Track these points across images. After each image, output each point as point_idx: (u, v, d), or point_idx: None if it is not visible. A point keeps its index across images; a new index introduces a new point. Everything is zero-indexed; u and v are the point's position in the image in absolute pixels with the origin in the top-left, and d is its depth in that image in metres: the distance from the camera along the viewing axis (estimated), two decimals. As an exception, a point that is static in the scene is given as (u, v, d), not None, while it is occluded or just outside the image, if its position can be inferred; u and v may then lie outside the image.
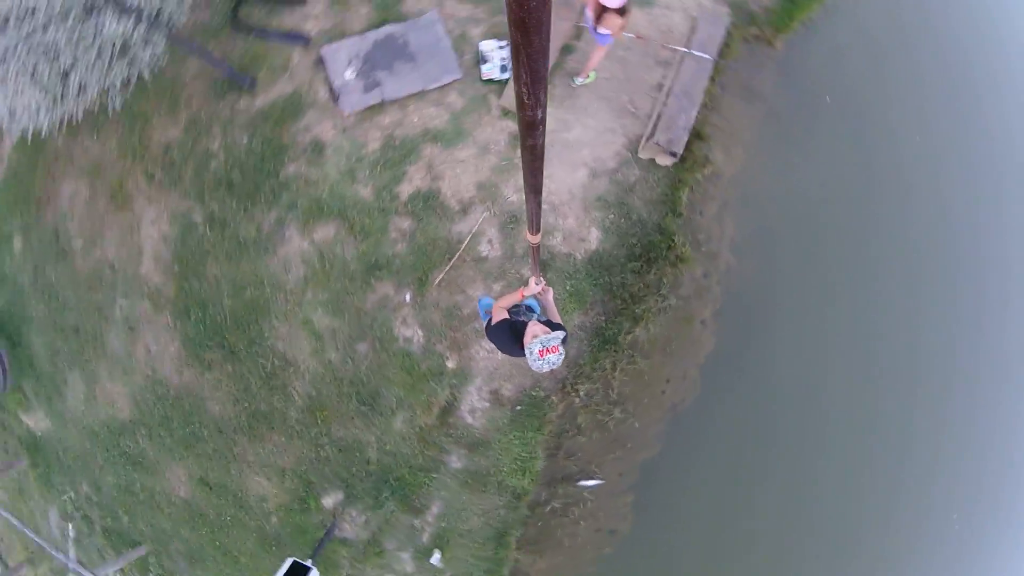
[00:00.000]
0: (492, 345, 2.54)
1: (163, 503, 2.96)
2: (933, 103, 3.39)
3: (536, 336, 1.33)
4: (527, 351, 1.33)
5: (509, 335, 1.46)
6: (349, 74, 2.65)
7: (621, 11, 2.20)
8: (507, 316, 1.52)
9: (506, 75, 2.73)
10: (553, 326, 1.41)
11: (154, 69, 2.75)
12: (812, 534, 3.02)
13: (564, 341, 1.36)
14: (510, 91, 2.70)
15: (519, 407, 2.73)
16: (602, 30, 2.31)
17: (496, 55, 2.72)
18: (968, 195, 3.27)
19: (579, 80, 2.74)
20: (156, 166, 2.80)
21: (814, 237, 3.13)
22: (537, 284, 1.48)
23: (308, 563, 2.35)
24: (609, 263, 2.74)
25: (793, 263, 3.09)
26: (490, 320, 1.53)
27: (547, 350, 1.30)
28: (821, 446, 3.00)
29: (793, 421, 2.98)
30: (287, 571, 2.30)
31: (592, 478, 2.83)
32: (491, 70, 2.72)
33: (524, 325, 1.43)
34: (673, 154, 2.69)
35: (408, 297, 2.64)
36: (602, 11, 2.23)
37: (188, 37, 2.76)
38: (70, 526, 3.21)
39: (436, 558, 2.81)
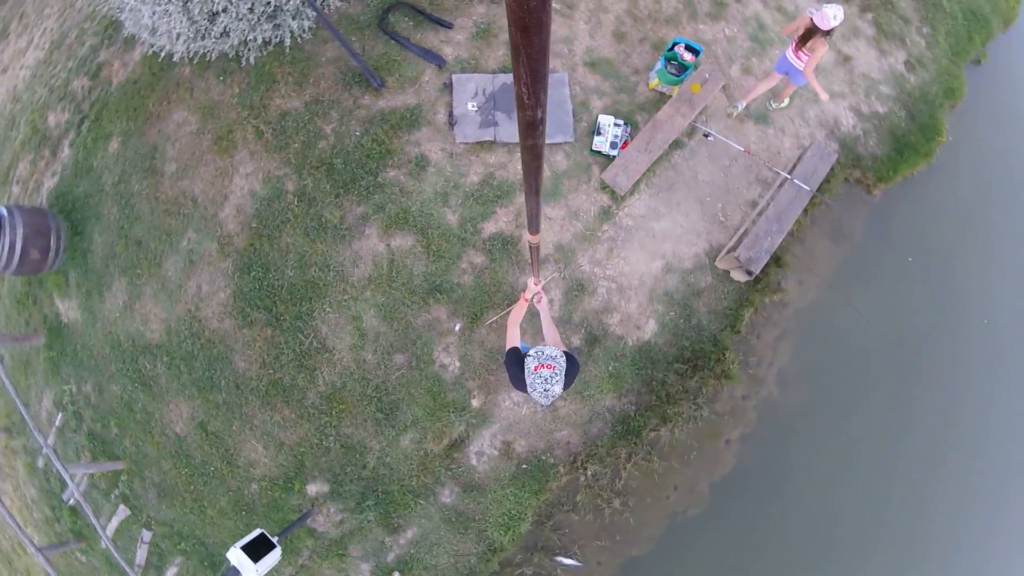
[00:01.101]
0: (519, 397, 2.65)
1: (156, 430, 3.13)
2: (1014, 292, 3.45)
3: (541, 350, 1.31)
4: (525, 367, 1.32)
5: (517, 366, 1.47)
6: (471, 106, 2.89)
7: (827, 34, 2.40)
8: (518, 346, 1.55)
9: (614, 152, 2.92)
10: (564, 354, 1.38)
11: (296, 40, 3.06)
12: None
13: (569, 372, 1.30)
14: (613, 168, 2.88)
15: (525, 466, 2.83)
16: (799, 59, 2.52)
17: (610, 131, 2.92)
18: (1013, 383, 3.28)
19: (740, 105, 2.96)
20: (268, 127, 3.06)
21: (859, 388, 3.19)
22: (536, 285, 1.50)
23: (275, 540, 2.47)
24: (656, 357, 2.86)
25: (831, 408, 3.14)
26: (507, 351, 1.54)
27: (542, 365, 1.26)
28: None
29: (786, 563, 2.99)
30: (253, 540, 2.41)
31: (571, 557, 2.88)
32: (602, 143, 2.91)
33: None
34: (750, 273, 2.82)
35: (458, 327, 2.80)
36: (811, 35, 2.42)
37: (335, 23, 3.06)
38: (59, 414, 3.40)
39: (394, 580, 2.88)
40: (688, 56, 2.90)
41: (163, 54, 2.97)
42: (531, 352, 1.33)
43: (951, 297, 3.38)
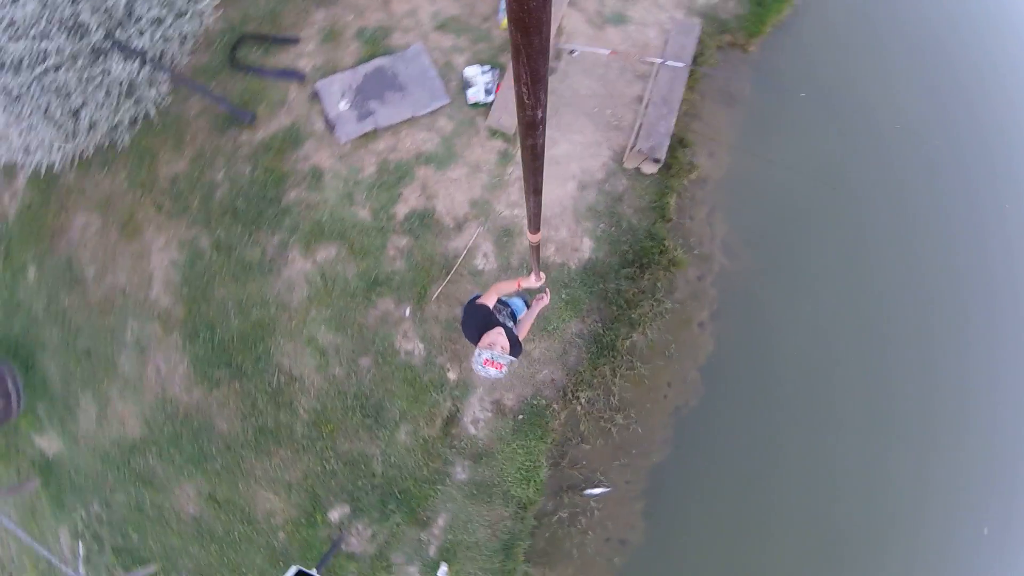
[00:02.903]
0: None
1: (172, 520, 3.20)
2: (906, 86, 3.56)
3: (492, 346, 1.42)
4: (476, 352, 1.41)
5: (479, 321, 1.52)
6: (343, 105, 2.98)
7: None
8: (489, 306, 1.58)
9: (490, 98, 3.03)
10: (512, 341, 1.50)
11: (160, 107, 3.12)
12: (834, 534, 3.06)
13: (513, 359, 1.45)
14: (496, 112, 3.00)
15: (521, 416, 2.94)
16: None
17: (480, 80, 3.03)
18: (958, 173, 3.40)
19: None
20: (164, 197, 3.14)
21: (804, 230, 3.31)
22: (538, 281, 1.55)
23: (313, 572, 2.55)
24: (603, 270, 2.98)
25: (785, 258, 3.27)
26: (478, 297, 1.60)
27: (492, 363, 1.39)
28: (834, 438, 3.06)
29: (802, 414, 3.08)
30: None
31: (599, 486, 2.99)
32: (476, 94, 3.03)
33: (495, 324, 1.51)
34: (656, 160, 2.95)
35: (408, 312, 2.90)
36: None
37: (190, 77, 3.13)
38: (80, 544, 3.44)
39: (443, 571, 2.98)
40: (528, -15, 3.01)
41: (43, 170, 3.02)
42: (487, 352, 1.42)
43: (861, 119, 3.52)
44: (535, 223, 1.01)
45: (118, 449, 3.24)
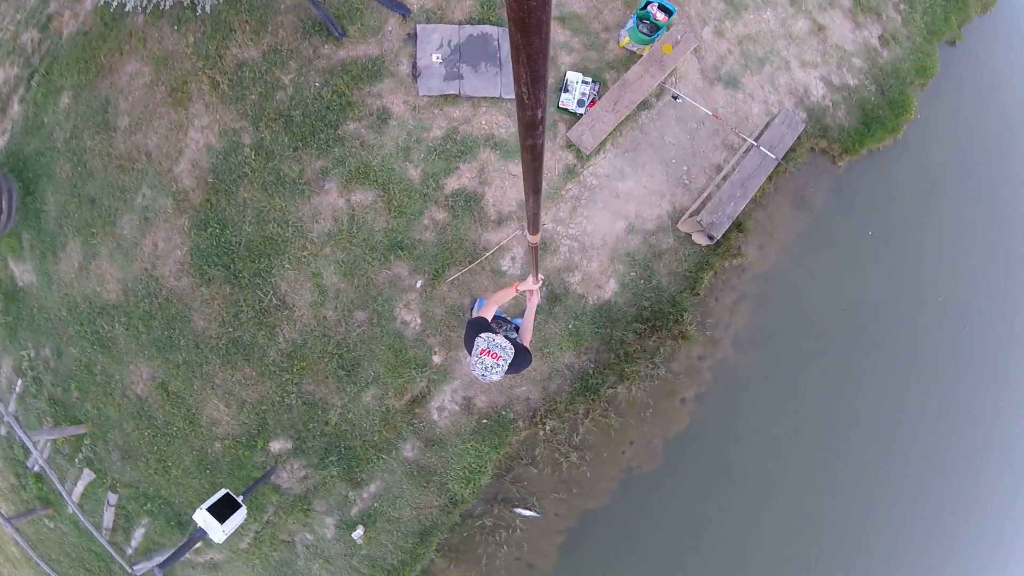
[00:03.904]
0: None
1: (117, 392, 3.11)
2: (974, 265, 3.55)
3: (493, 338, 1.33)
4: (474, 344, 1.34)
5: (475, 332, 1.47)
6: (436, 58, 2.81)
7: None
8: (487, 318, 1.56)
9: (581, 110, 2.89)
10: (517, 347, 1.43)
11: (254, -14, 2.92)
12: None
13: (516, 364, 1.35)
14: (580, 127, 2.86)
15: (485, 421, 2.90)
16: None
17: (577, 88, 2.88)
18: (984, 364, 3.42)
19: None
20: (224, 78, 2.95)
21: (817, 354, 3.30)
22: (536, 283, 1.50)
23: (240, 500, 2.52)
24: (616, 317, 2.92)
25: (789, 372, 3.26)
26: (476, 314, 1.58)
27: (488, 352, 1.29)
28: (764, 558, 3.12)
29: (740, 522, 3.12)
30: (218, 500, 2.46)
31: (530, 509, 3.00)
32: (568, 101, 2.89)
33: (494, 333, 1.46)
34: (711, 237, 2.86)
35: (419, 284, 2.80)
36: None
37: (296, -32, 2.92)
38: (19, 381, 3.35)
39: (358, 534, 2.97)
40: (661, 16, 2.86)
41: (115, 3, 2.82)
42: (483, 336, 1.35)
43: (909, 273, 3.48)
44: (534, 224, 0.96)
45: (88, 305, 3.12)
